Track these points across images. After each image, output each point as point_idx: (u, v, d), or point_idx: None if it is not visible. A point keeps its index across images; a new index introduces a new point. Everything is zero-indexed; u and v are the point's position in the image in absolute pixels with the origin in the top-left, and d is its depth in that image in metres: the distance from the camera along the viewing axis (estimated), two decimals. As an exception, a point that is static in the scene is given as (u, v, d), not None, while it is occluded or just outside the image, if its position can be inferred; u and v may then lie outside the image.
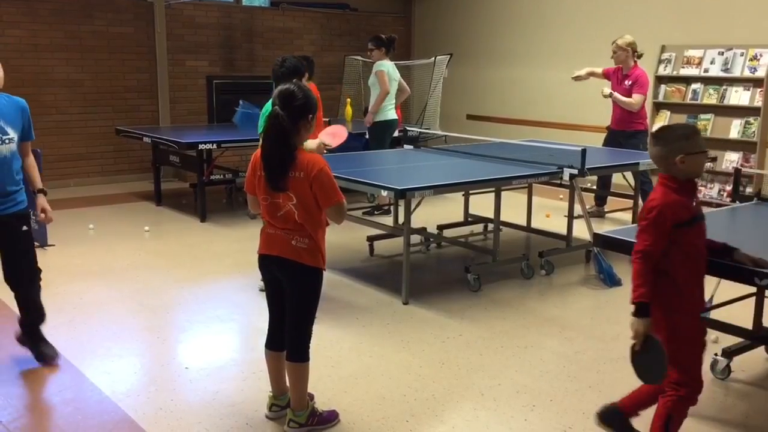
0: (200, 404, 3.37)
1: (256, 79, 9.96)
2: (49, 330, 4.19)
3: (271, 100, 3.00)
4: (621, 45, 6.74)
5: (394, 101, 7.38)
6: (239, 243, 6.19)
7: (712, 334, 4.11)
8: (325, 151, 3.73)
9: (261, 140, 2.98)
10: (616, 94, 6.73)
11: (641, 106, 6.73)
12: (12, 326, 4.29)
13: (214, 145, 7.05)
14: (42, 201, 3.60)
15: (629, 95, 6.70)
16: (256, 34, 10.07)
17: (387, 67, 7.21)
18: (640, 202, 6.51)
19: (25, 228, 3.57)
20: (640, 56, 6.81)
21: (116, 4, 8.89)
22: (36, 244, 5.93)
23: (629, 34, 6.91)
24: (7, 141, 3.40)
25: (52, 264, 5.57)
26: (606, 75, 7.01)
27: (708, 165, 7.13)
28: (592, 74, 7.00)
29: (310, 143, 3.81)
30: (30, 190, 3.67)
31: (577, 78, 6.97)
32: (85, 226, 6.71)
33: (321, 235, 2.99)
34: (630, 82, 6.73)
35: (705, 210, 5.61)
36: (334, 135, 3.84)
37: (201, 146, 6.88)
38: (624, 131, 6.83)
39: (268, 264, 3.04)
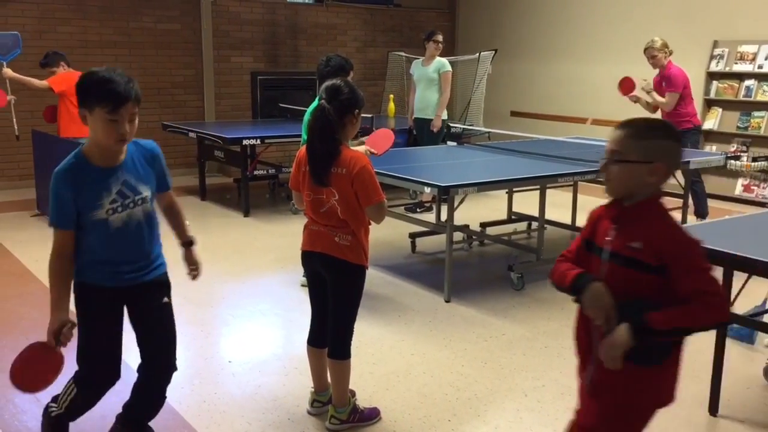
0: (243, 398, 3.39)
1: (300, 75, 10.03)
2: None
3: (316, 100, 3.00)
4: (659, 47, 6.54)
5: None
6: (282, 238, 6.22)
7: (765, 339, 4.00)
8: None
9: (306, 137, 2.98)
10: (654, 94, 6.55)
11: (675, 103, 6.48)
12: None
13: (258, 141, 7.11)
14: (191, 253, 2.91)
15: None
16: (300, 31, 10.12)
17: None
18: (690, 201, 6.36)
19: (165, 300, 2.76)
20: (670, 53, 6.60)
21: (164, 1, 9.03)
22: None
23: (683, 31, 6.73)
24: (139, 202, 2.56)
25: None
26: (655, 87, 6.80)
27: (762, 164, 6.92)
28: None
29: (358, 150, 3.61)
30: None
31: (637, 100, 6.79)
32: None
33: (364, 232, 2.97)
34: (666, 83, 6.56)
35: (759, 210, 5.45)
36: (382, 140, 3.69)
37: (245, 142, 6.95)
38: None
39: (311, 260, 3.04)
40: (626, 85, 6.66)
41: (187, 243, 2.92)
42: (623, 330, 1.92)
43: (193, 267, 2.91)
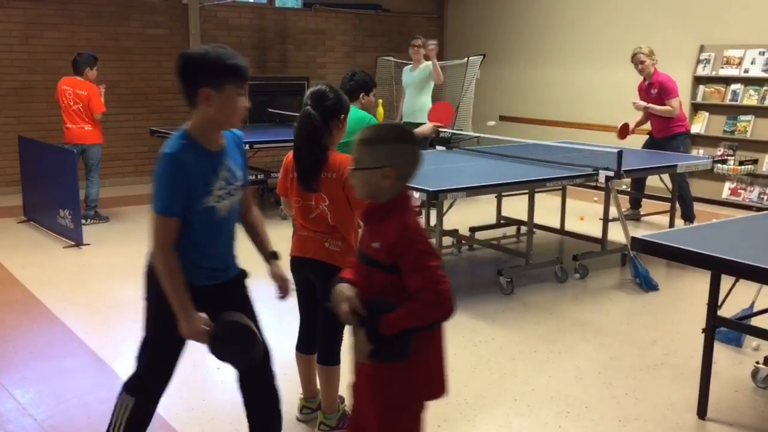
0: (231, 405, 3.36)
1: (288, 80, 10.02)
2: (84, 328, 4.24)
3: None
4: (647, 54, 6.58)
5: None
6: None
7: (753, 342, 4.01)
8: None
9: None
10: (653, 105, 6.60)
11: (679, 107, 6.60)
12: (50, 326, 4.35)
13: (247, 146, 7.05)
14: (277, 268, 2.70)
15: (661, 103, 6.57)
16: (289, 35, 10.11)
17: None
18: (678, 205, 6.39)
19: (247, 291, 2.68)
20: (656, 61, 6.66)
21: (151, 6, 9.00)
22: (71, 243, 6.07)
23: (670, 35, 6.76)
24: (238, 189, 2.44)
25: (88, 263, 5.65)
26: (640, 93, 6.83)
27: (749, 168, 6.96)
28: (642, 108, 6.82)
29: (425, 128, 3.83)
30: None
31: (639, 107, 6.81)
32: (121, 226, 6.80)
33: (353, 237, 2.96)
34: (656, 90, 6.61)
35: (746, 214, 5.47)
36: (443, 113, 3.82)
37: (233, 147, 6.91)
38: (666, 137, 6.71)
39: (300, 266, 3.02)
40: (624, 131, 6.71)
41: (273, 255, 2.67)
42: (361, 336, 2.01)
43: (283, 285, 2.66)
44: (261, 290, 5.36)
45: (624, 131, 6.70)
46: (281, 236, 3.21)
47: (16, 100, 8.22)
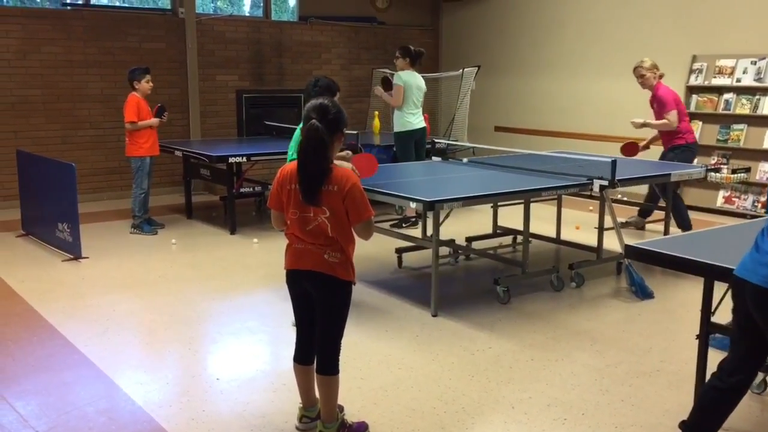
0: (231, 415, 3.39)
1: (285, 92, 10.08)
2: (83, 341, 4.27)
3: (299, 129, 3.06)
4: (648, 68, 6.62)
5: (417, 111, 7.39)
6: (269, 255, 6.23)
7: (747, 348, 4.04)
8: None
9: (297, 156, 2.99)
10: (650, 121, 6.65)
11: (677, 120, 6.57)
12: (50, 338, 4.37)
13: (244, 159, 7.12)
14: None
15: (661, 117, 6.60)
16: (285, 49, 10.18)
17: (404, 80, 7.26)
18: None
19: None
20: (660, 75, 6.69)
21: (148, 20, 9.06)
22: (70, 256, 6.09)
23: (663, 46, 6.82)
24: None
25: (86, 276, 5.67)
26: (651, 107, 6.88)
27: (742, 176, 7.00)
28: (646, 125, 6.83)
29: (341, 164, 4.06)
30: None
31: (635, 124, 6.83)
32: (119, 238, 6.83)
33: (352, 248, 3.01)
34: (656, 105, 6.66)
35: (740, 221, 5.52)
36: (364, 169, 4.00)
37: (231, 159, 6.96)
38: (668, 149, 6.76)
39: (298, 279, 3.05)
40: (629, 150, 6.71)
41: None
42: None
43: None
44: (256, 301, 5.40)
45: (630, 149, 6.69)
46: (278, 248, 3.26)
47: (14, 115, 8.26)
